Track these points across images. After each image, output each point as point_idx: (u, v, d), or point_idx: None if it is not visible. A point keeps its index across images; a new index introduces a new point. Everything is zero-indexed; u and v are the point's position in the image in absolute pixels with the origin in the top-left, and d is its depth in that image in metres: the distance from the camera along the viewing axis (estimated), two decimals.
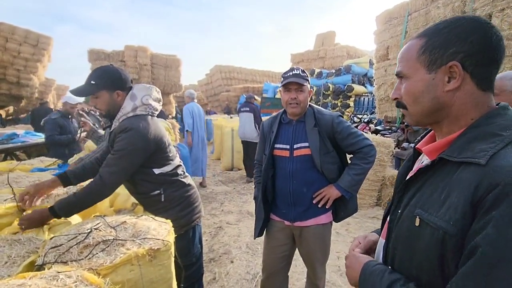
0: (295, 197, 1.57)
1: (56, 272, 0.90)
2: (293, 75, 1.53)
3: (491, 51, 0.59)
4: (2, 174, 2.32)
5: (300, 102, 1.54)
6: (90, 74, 1.47)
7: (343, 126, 1.56)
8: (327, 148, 1.55)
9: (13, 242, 1.21)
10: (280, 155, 1.60)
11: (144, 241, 1.14)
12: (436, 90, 0.63)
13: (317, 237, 1.61)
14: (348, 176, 1.54)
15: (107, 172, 1.36)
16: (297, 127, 1.60)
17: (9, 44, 9.22)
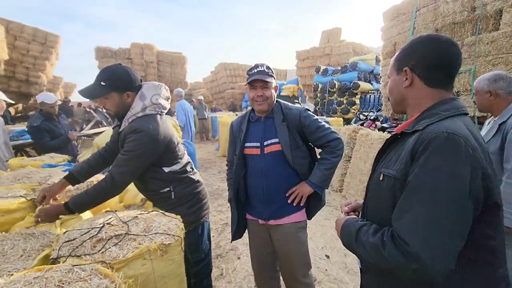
0: (269, 194, 1.55)
1: (71, 266, 0.92)
2: (258, 72, 1.51)
3: (436, 60, 0.84)
4: (14, 169, 2.37)
5: (266, 99, 1.52)
6: (98, 75, 1.44)
7: (311, 119, 1.55)
8: (297, 143, 1.54)
9: (27, 236, 1.24)
10: (251, 154, 1.58)
11: (156, 236, 1.15)
12: (400, 87, 0.91)
13: (292, 236, 1.57)
14: (319, 171, 1.53)
15: (118, 172, 1.38)
16: (266, 123, 1.58)
17: (18, 42, 9.35)
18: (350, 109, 10.54)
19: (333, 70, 11.84)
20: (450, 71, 0.85)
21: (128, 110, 1.46)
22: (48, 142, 3.26)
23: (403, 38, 6.39)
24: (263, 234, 1.66)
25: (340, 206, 3.90)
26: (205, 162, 7.24)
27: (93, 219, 1.30)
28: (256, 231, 1.68)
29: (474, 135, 0.76)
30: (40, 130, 3.25)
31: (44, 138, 3.25)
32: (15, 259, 1.06)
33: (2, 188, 1.76)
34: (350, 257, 2.71)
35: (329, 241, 3.04)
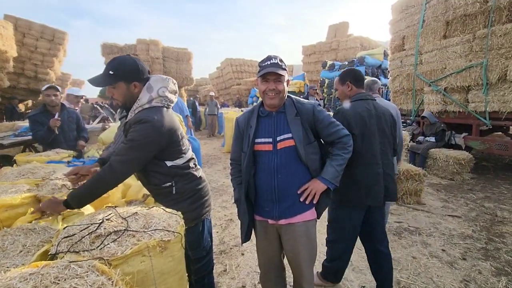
0: (279, 192, 1.49)
1: (68, 262, 0.90)
2: (271, 65, 1.44)
3: (357, 77, 2.02)
4: (20, 165, 2.39)
5: (279, 92, 1.46)
6: (107, 64, 1.46)
7: (324, 114, 1.53)
8: (309, 138, 1.50)
9: (28, 231, 1.23)
10: (262, 150, 1.51)
11: (155, 232, 1.13)
12: (346, 91, 2.02)
13: (303, 235, 1.52)
14: (331, 167, 1.49)
15: (117, 160, 1.35)
16: (278, 118, 1.52)
17: (26, 40, 9.48)
18: None
19: (340, 65, 11.68)
20: (360, 81, 2.00)
21: (135, 101, 1.45)
22: (36, 133, 3.23)
23: (412, 31, 6.24)
24: (271, 235, 1.60)
25: None
26: (211, 158, 7.24)
27: (93, 214, 1.28)
28: (264, 232, 1.62)
29: (369, 109, 1.87)
30: (34, 121, 3.25)
31: (35, 128, 3.23)
32: (14, 254, 1.06)
33: (7, 183, 1.78)
34: (356, 254, 2.66)
35: None
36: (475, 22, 4.89)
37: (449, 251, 2.70)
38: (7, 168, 2.17)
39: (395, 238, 2.96)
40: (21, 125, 5.10)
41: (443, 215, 3.52)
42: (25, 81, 9.94)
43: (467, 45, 4.96)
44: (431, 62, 5.74)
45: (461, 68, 5.06)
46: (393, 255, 2.62)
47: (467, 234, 3.03)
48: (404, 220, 3.38)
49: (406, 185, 3.87)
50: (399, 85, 6.81)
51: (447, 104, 5.57)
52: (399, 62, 6.73)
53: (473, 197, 4.16)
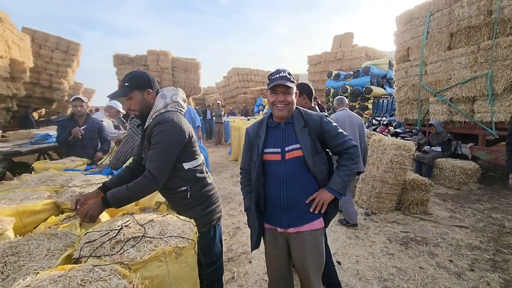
0: (288, 201, 1.53)
1: (92, 266, 0.98)
2: (280, 78, 1.50)
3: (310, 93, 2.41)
4: (38, 172, 2.50)
5: (288, 104, 1.51)
6: (122, 79, 1.64)
7: (332, 125, 1.57)
8: (317, 149, 1.54)
9: (51, 236, 1.31)
10: (271, 160, 1.55)
11: (171, 239, 1.20)
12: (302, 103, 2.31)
13: (312, 244, 1.56)
14: (338, 178, 1.53)
15: (154, 168, 1.48)
16: (286, 129, 1.56)
17: (43, 51, 9.85)
18: (362, 113, 10.42)
19: (345, 74, 11.77)
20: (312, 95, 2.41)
21: (150, 109, 1.61)
22: (59, 136, 3.51)
23: (417, 43, 6.31)
24: (280, 243, 1.63)
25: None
26: (218, 166, 7.32)
27: (111, 221, 1.36)
28: (273, 240, 1.65)
29: None
30: (60, 126, 3.55)
31: (60, 132, 3.52)
32: (40, 258, 1.13)
33: (28, 190, 1.88)
34: (362, 264, 2.68)
35: (341, 247, 3.02)
36: (479, 34, 4.95)
37: (457, 262, 2.69)
38: (27, 175, 2.28)
39: (402, 248, 2.96)
40: (36, 133, 5.27)
41: (450, 226, 3.51)
42: (40, 91, 10.27)
43: (472, 56, 5.01)
44: (436, 72, 5.79)
45: (466, 79, 5.10)
46: (399, 265, 2.64)
47: (475, 245, 3.01)
48: (410, 230, 3.38)
49: (412, 194, 3.88)
50: (404, 95, 6.85)
51: (452, 114, 5.58)
52: (404, 73, 6.79)
53: (480, 208, 4.13)
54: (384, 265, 2.65)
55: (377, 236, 3.24)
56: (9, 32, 7.30)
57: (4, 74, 7.14)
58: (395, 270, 2.57)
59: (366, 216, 3.85)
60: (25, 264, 1.08)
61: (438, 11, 5.75)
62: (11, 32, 7.44)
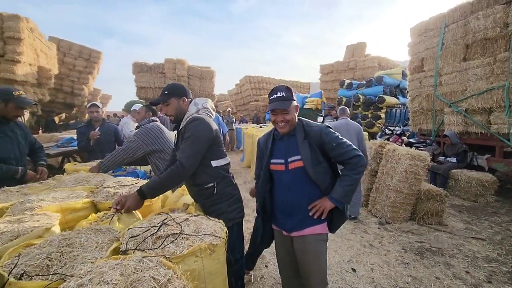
0: (292, 207, 1.65)
1: (141, 257, 1.10)
2: (277, 99, 1.61)
3: None
4: (69, 173, 2.68)
5: (287, 121, 1.62)
6: (163, 89, 1.89)
7: (331, 136, 1.61)
8: (318, 159, 1.60)
9: (96, 231, 1.44)
10: (276, 169, 1.69)
11: (205, 236, 1.31)
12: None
13: (313, 249, 1.63)
14: (340, 187, 1.59)
15: (184, 157, 1.63)
16: (289, 141, 1.67)
17: (67, 58, 10.38)
18: (375, 123, 10.40)
19: (357, 84, 11.80)
20: None
21: (184, 114, 1.84)
22: (80, 143, 3.78)
23: (431, 54, 6.34)
24: (287, 244, 1.76)
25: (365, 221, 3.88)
26: None
27: (150, 219, 1.49)
28: (281, 241, 1.80)
29: None
30: (80, 132, 3.83)
31: (80, 139, 3.79)
32: (92, 249, 1.26)
33: (67, 190, 2.04)
34: (377, 272, 2.72)
35: (355, 255, 3.05)
36: (495, 45, 4.96)
37: (474, 273, 2.69)
38: (61, 176, 2.46)
39: (417, 258, 2.98)
40: (60, 136, 5.55)
41: (466, 237, 3.49)
42: (62, 96, 10.77)
43: (488, 67, 5.01)
44: (451, 83, 5.79)
45: (482, 90, 5.09)
46: (415, 275, 2.66)
47: (492, 257, 3.00)
48: (425, 240, 3.38)
49: (427, 205, 3.88)
50: (418, 105, 6.85)
51: (468, 125, 5.55)
52: (418, 83, 6.80)
53: (498, 220, 4.08)
54: (400, 274, 2.68)
55: (391, 245, 3.26)
56: (38, 41, 7.75)
57: (32, 80, 7.56)
58: (410, 279, 2.59)
59: (380, 225, 3.87)
60: (79, 254, 1.21)
61: (453, 23, 5.79)
62: (40, 41, 7.90)
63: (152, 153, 2.73)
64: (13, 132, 2.48)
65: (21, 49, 7.12)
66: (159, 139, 2.76)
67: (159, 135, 2.77)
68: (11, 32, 7.08)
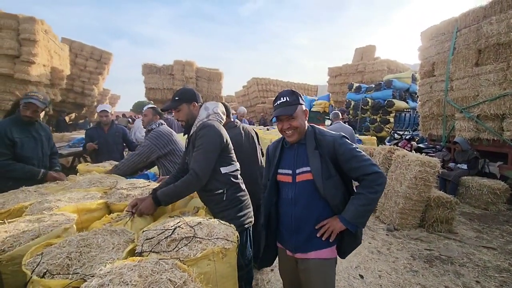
0: (297, 224, 1.48)
1: (158, 259, 1.13)
2: (280, 105, 1.46)
3: None
4: (82, 174, 2.75)
5: (295, 128, 1.46)
6: (174, 94, 1.92)
7: (346, 148, 1.42)
8: (330, 173, 1.42)
9: (112, 232, 1.48)
10: (283, 181, 1.53)
11: (218, 240, 1.34)
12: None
13: (318, 274, 1.45)
14: (353, 207, 1.40)
15: (198, 167, 1.67)
16: (299, 150, 1.51)
17: (78, 59, 10.62)
18: (383, 127, 10.31)
19: (366, 87, 11.72)
20: None
21: (195, 120, 1.86)
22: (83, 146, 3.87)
23: (442, 58, 6.28)
24: (291, 264, 1.61)
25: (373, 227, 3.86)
26: None
27: (163, 222, 1.52)
28: (285, 259, 1.65)
29: None
30: (86, 135, 3.93)
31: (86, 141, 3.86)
32: (109, 250, 1.30)
33: (82, 190, 2.09)
34: (385, 279, 2.70)
35: (363, 261, 3.04)
36: (508, 51, 4.88)
37: (484, 283, 2.65)
38: (74, 176, 2.52)
39: (426, 266, 2.95)
40: (72, 136, 5.66)
41: (477, 246, 3.44)
42: (73, 96, 11.02)
43: (501, 73, 4.93)
44: (462, 89, 5.71)
45: (495, 96, 5.01)
46: (424, 283, 2.64)
47: (503, 267, 2.95)
48: (435, 248, 3.34)
49: (437, 212, 3.83)
50: (428, 110, 6.77)
51: (479, 131, 5.47)
52: (429, 88, 6.73)
53: (510, 230, 4.00)
54: (408, 282, 2.66)
55: (400, 252, 3.24)
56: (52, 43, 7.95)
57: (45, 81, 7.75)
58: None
59: (389, 231, 3.84)
60: (97, 255, 1.25)
61: (465, 28, 5.73)
62: (53, 42, 8.10)
63: (163, 156, 2.78)
64: (38, 133, 2.56)
65: (36, 50, 7.33)
66: (171, 142, 2.81)
67: (170, 138, 2.83)
68: (27, 34, 7.30)
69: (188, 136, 1.90)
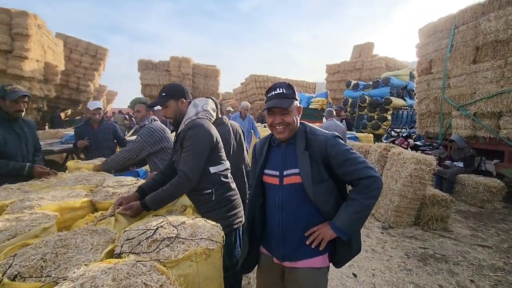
0: (284, 231, 1.35)
1: (135, 261, 1.08)
2: (276, 96, 1.32)
3: None
4: (71, 171, 2.69)
5: (287, 124, 1.32)
6: (160, 90, 1.83)
7: (340, 149, 1.28)
8: (321, 176, 1.29)
9: (92, 232, 1.43)
10: (269, 182, 1.39)
11: (201, 241, 1.29)
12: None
13: (309, 284, 1.33)
14: (345, 213, 1.28)
15: (187, 168, 1.61)
16: (287, 150, 1.37)
17: (73, 55, 10.49)
18: (381, 124, 10.28)
19: (364, 85, 11.69)
20: None
21: (183, 116, 1.78)
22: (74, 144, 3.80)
23: (440, 55, 6.23)
24: (276, 273, 1.46)
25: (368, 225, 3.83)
26: None
27: (147, 221, 1.47)
28: (269, 268, 1.48)
29: None
30: (76, 133, 3.86)
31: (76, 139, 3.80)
32: (86, 251, 1.25)
33: (67, 188, 2.04)
34: (379, 278, 2.67)
35: (357, 259, 3.01)
36: (506, 48, 4.84)
37: (478, 282, 2.63)
38: (63, 174, 2.46)
39: (420, 264, 2.92)
40: (65, 133, 5.59)
41: (472, 244, 3.42)
42: (68, 92, 10.90)
43: (499, 71, 4.89)
44: (459, 86, 5.68)
45: (492, 94, 4.97)
46: (417, 282, 2.61)
47: (498, 266, 2.92)
48: (429, 247, 3.32)
49: (432, 210, 3.81)
50: (425, 107, 6.74)
51: (476, 129, 5.44)
52: (426, 85, 6.69)
53: (505, 228, 3.98)
54: (402, 281, 2.63)
55: (394, 251, 3.21)
56: (45, 38, 7.83)
57: (39, 76, 7.64)
58: (412, 286, 2.54)
59: (383, 229, 3.81)
60: (73, 256, 1.20)
61: (463, 25, 5.67)
62: (47, 37, 7.98)
63: (154, 153, 2.72)
64: (22, 130, 2.50)
65: (29, 45, 7.21)
66: (163, 139, 2.75)
67: (163, 135, 2.77)
68: (19, 28, 7.18)
69: (176, 133, 1.83)
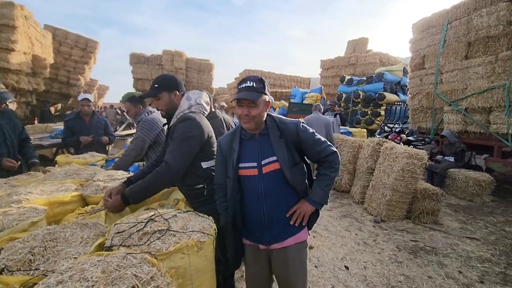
0: (270, 218, 1.46)
1: (125, 254, 1.07)
2: (246, 89, 1.40)
3: None
4: (61, 165, 2.64)
5: (253, 118, 1.40)
6: (153, 81, 1.78)
7: (308, 133, 1.47)
8: (295, 160, 1.45)
9: (82, 225, 1.41)
10: (247, 175, 1.46)
11: (193, 233, 1.28)
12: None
13: (296, 258, 1.49)
14: (319, 188, 1.48)
15: (170, 158, 1.56)
16: (262, 141, 1.47)
17: (62, 48, 10.23)
18: (374, 120, 10.36)
19: (358, 80, 11.73)
20: None
21: (176, 109, 1.73)
22: (65, 139, 3.61)
23: (433, 51, 6.27)
24: (262, 259, 1.57)
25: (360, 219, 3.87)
26: None
27: (138, 214, 1.45)
28: (255, 257, 1.58)
29: None
30: (67, 126, 3.66)
31: (65, 134, 3.63)
32: (76, 244, 1.23)
33: (56, 182, 2.00)
34: (370, 270, 2.71)
35: (349, 252, 3.05)
36: (497, 44, 4.90)
37: (466, 273, 2.69)
38: (54, 168, 2.42)
39: (411, 257, 2.97)
40: (55, 127, 5.48)
41: (461, 237, 3.49)
42: (58, 86, 10.66)
43: (490, 66, 4.96)
44: (451, 81, 5.74)
45: (483, 89, 5.04)
46: (408, 273, 2.65)
47: (486, 258, 2.99)
48: (420, 239, 3.38)
49: (423, 204, 3.87)
50: (418, 103, 6.80)
51: (467, 124, 5.52)
52: (419, 81, 6.75)
53: (493, 221, 4.08)
54: (392, 273, 2.67)
55: (386, 244, 3.26)
56: (33, 30, 7.61)
57: (26, 69, 7.44)
58: (403, 278, 2.59)
59: (375, 223, 3.86)
60: (63, 249, 1.18)
61: (456, 20, 5.71)
62: (34, 29, 7.76)
63: (150, 146, 2.70)
64: None
65: (15, 37, 6.99)
66: (161, 132, 2.72)
67: (159, 128, 2.73)
68: (5, 19, 6.93)
69: (168, 126, 1.79)
